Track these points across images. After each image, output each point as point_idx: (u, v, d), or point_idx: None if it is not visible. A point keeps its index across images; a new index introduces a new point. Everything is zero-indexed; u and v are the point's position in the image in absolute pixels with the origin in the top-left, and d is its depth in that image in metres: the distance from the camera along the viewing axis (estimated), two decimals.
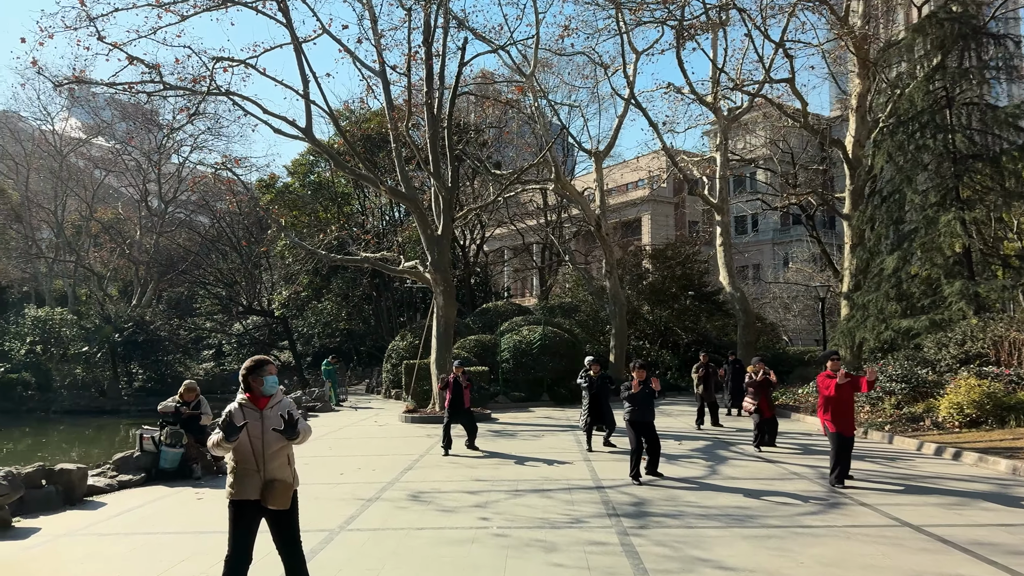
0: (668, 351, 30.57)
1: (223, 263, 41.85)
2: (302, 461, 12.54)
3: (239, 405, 4.99)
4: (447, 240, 19.34)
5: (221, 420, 4.84)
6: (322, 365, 25.17)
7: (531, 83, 23.70)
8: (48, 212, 45.38)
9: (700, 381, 16.87)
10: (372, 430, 17.04)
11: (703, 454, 12.63)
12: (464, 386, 13.04)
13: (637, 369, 9.96)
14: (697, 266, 33.99)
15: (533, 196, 40.49)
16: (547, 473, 10.71)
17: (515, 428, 16.78)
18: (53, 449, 23.80)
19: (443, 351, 18.33)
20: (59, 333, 36.53)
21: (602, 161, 27.26)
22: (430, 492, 9.40)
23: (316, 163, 35.55)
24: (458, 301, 35.06)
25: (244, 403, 5.00)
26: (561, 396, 22.63)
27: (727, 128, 27.59)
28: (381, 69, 19.61)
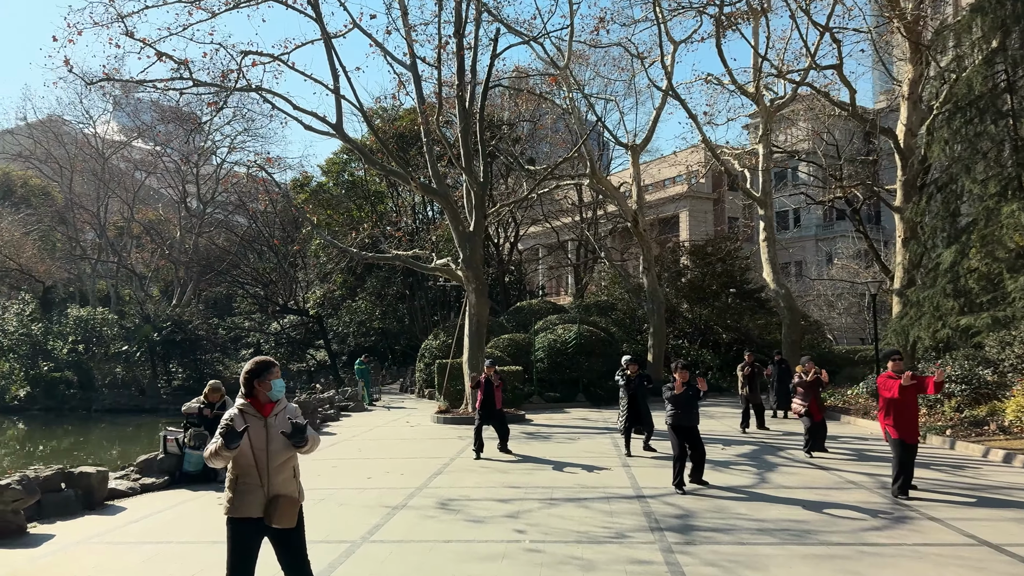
0: (708, 350, 29.65)
1: (260, 263, 42.09)
2: (329, 464, 12.22)
3: (240, 411, 4.52)
4: (479, 237, 18.85)
5: (220, 426, 4.37)
6: (355, 364, 24.92)
7: (565, 75, 23.08)
8: (91, 214, 46.20)
9: (745, 382, 16.08)
10: (403, 431, 16.63)
11: (750, 460, 11.90)
12: (496, 386, 12.52)
13: (680, 369, 9.31)
14: (738, 262, 32.96)
15: (568, 193, 39.84)
16: (584, 480, 10.12)
17: (550, 430, 16.20)
18: (93, 447, 23.98)
19: (476, 350, 17.84)
20: (100, 332, 37.07)
21: (639, 155, 26.53)
22: (459, 499, 8.88)
23: (349, 162, 35.43)
24: (492, 300, 34.60)
25: (246, 408, 4.53)
26: (597, 397, 21.98)
27: (770, 119, 26.58)
28: (412, 63, 19.21)
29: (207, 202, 45.00)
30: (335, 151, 37.57)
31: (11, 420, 31.65)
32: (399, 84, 21.56)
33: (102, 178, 44.86)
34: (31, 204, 48.29)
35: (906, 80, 23.20)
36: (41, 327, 36.02)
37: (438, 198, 19.51)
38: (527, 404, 20.96)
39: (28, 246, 41.53)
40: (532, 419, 18.12)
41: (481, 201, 18.79)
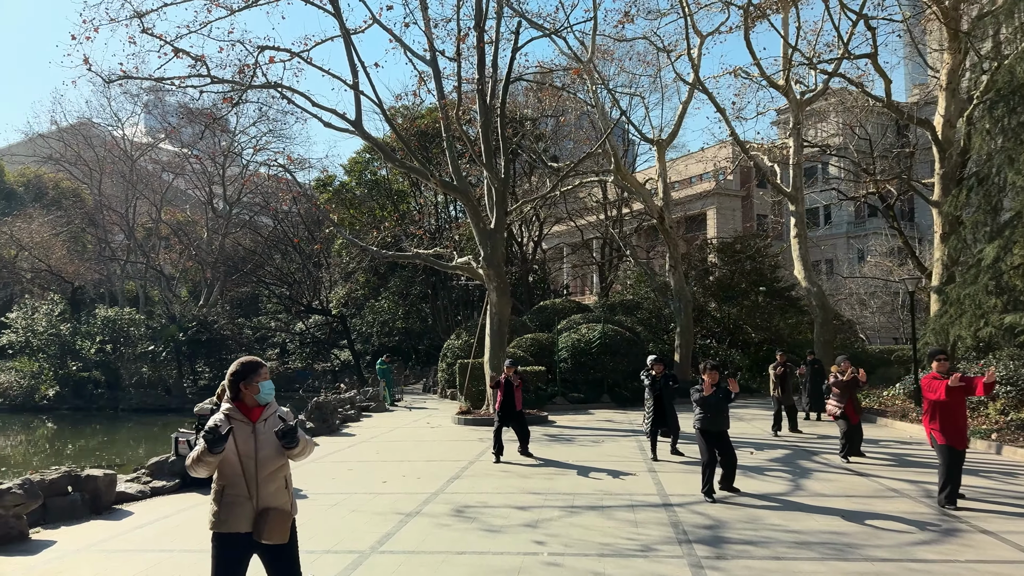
0: (737, 350, 28.91)
1: (286, 263, 42.16)
2: (346, 467, 11.89)
3: (226, 415, 4.15)
4: (501, 234, 18.44)
5: (204, 430, 4.00)
6: (377, 364, 24.67)
7: (589, 70, 22.56)
8: (119, 215, 46.71)
9: (777, 382, 15.46)
10: (423, 432, 16.28)
11: (784, 465, 11.32)
12: (516, 386, 12.10)
13: (709, 370, 8.80)
14: (768, 260, 32.14)
15: (592, 191, 39.28)
16: (607, 486, 9.65)
17: (573, 432, 15.73)
18: (120, 447, 24.04)
19: (497, 350, 17.43)
20: (127, 332, 37.36)
21: (665, 150, 25.90)
22: (476, 506, 8.47)
23: (372, 161, 35.27)
24: (515, 299, 34.17)
25: (232, 413, 4.16)
26: (623, 398, 21.45)
27: (800, 112, 25.80)
28: (432, 58, 18.87)
29: (233, 203, 45.24)
30: (358, 150, 37.47)
31: (41, 419, 31.99)
32: (419, 80, 21.22)
33: (130, 180, 45.33)
34: (62, 206, 48.99)
35: (944, 69, 22.32)
36: (70, 327, 36.40)
37: (458, 195, 19.15)
38: (550, 405, 20.51)
39: (57, 247, 42.07)
40: (555, 420, 17.66)
41: (502, 198, 18.37)
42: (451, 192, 19.34)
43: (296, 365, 43.82)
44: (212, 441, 3.86)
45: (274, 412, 4.25)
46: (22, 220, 42.44)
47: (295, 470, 11.46)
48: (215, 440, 3.86)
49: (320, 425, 16.23)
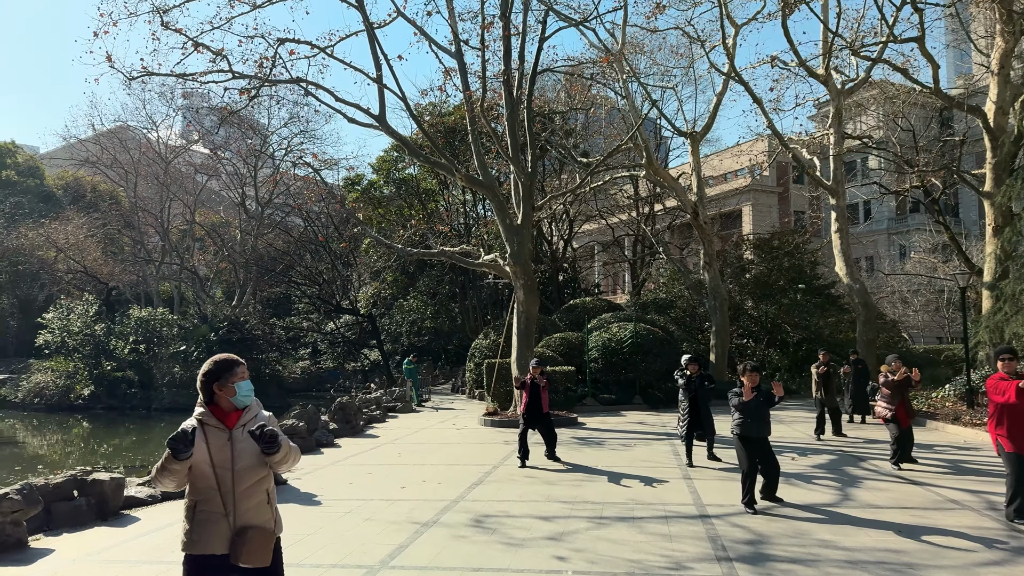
0: (776, 350, 27.93)
1: (316, 263, 42.15)
2: (365, 470, 11.44)
3: (199, 422, 3.67)
4: (528, 230, 17.87)
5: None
6: (403, 364, 24.30)
7: (619, 57, 21.89)
8: (154, 217, 47.28)
9: (820, 383, 14.64)
10: (448, 434, 15.79)
11: (829, 472, 10.57)
12: (542, 387, 11.54)
13: (749, 372, 8.13)
14: (807, 256, 31.07)
15: (624, 187, 38.50)
16: (639, 494, 9.03)
17: (603, 435, 15.10)
18: (154, 446, 24.06)
19: (524, 349, 16.88)
20: (160, 333, 37.65)
21: (699, 143, 25.08)
22: (497, 516, 7.93)
23: (399, 160, 34.99)
24: (545, 298, 33.56)
25: (205, 419, 3.68)
26: (656, 399, 20.72)
27: (841, 102, 24.79)
28: (457, 49, 18.39)
29: (264, 204, 45.46)
30: (386, 149, 37.21)
31: (76, 419, 32.33)
32: (445, 74, 20.77)
33: (163, 182, 45.85)
34: (99, 208, 49.76)
35: (995, 54, 21.15)
36: (104, 328, 36.78)
37: (484, 190, 18.64)
38: (580, 407, 19.89)
39: (92, 248, 42.63)
40: (585, 423, 17.03)
41: (529, 193, 17.81)
42: (476, 187, 18.84)
43: (327, 365, 43.86)
44: (176, 446, 3.38)
45: (255, 417, 3.76)
46: (59, 222, 43.14)
47: (311, 474, 11.10)
48: (180, 444, 3.38)
49: (343, 426, 15.86)
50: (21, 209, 44.97)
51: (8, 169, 52.75)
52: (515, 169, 17.93)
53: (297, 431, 13.59)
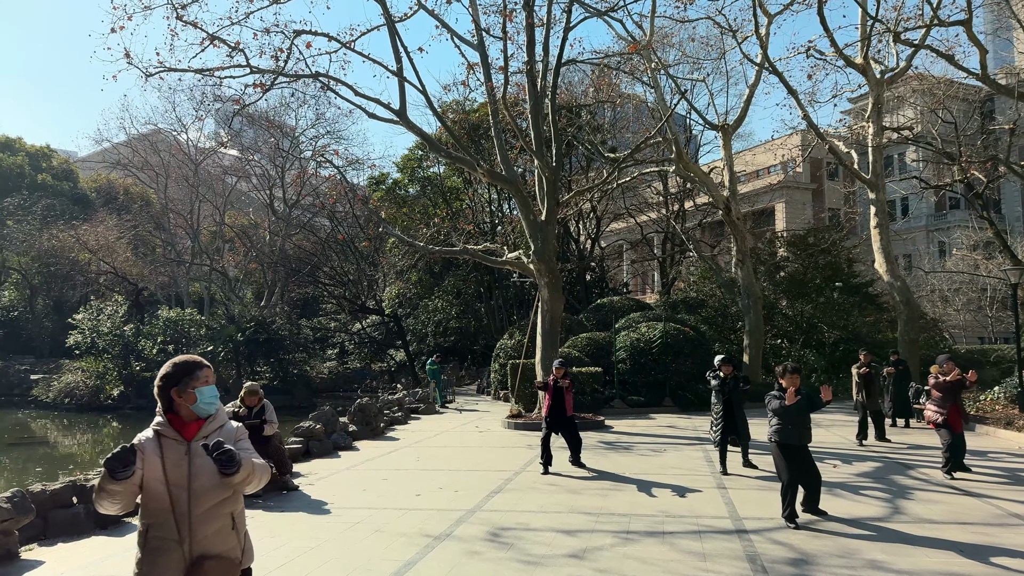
0: (812, 351, 26.93)
1: (342, 263, 42.04)
2: (381, 476, 10.94)
3: (155, 433, 3.18)
4: (552, 227, 17.28)
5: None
6: (426, 364, 23.86)
7: (648, 50, 21.18)
8: (184, 218, 47.67)
9: (862, 385, 13.81)
10: (470, 437, 15.27)
11: (876, 482, 9.81)
12: (566, 389, 10.95)
13: (790, 374, 7.45)
14: (844, 253, 30.00)
15: (652, 184, 37.71)
16: (669, 505, 8.39)
17: (631, 439, 14.44)
18: None
19: (549, 349, 16.28)
20: (188, 333, 37.78)
21: (730, 137, 24.24)
22: (515, 528, 7.36)
23: (424, 158, 34.62)
24: (572, 297, 32.90)
25: (163, 430, 3.18)
26: (686, 401, 19.98)
27: (881, 92, 23.75)
28: (479, 41, 17.89)
29: (292, 205, 45.55)
30: (410, 147, 36.91)
31: (106, 418, 32.52)
32: (468, 68, 20.27)
33: (193, 183, 46.20)
34: (130, 210, 50.31)
35: None
36: (132, 328, 37.00)
37: (507, 185, 18.09)
38: (607, 409, 19.22)
39: (122, 250, 43.01)
40: (612, 426, 16.38)
41: (553, 188, 17.21)
42: (499, 183, 18.31)
43: (355, 365, 43.71)
44: (112, 465, 2.89)
45: (220, 428, 3.25)
46: (90, 224, 43.63)
47: (325, 479, 10.63)
48: (116, 463, 2.89)
49: (363, 428, 15.43)
50: (52, 211, 45.57)
51: (43, 173, 53.64)
52: (539, 163, 17.35)
53: (314, 433, 13.19)
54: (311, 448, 12.93)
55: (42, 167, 54.16)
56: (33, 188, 49.88)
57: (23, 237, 43.81)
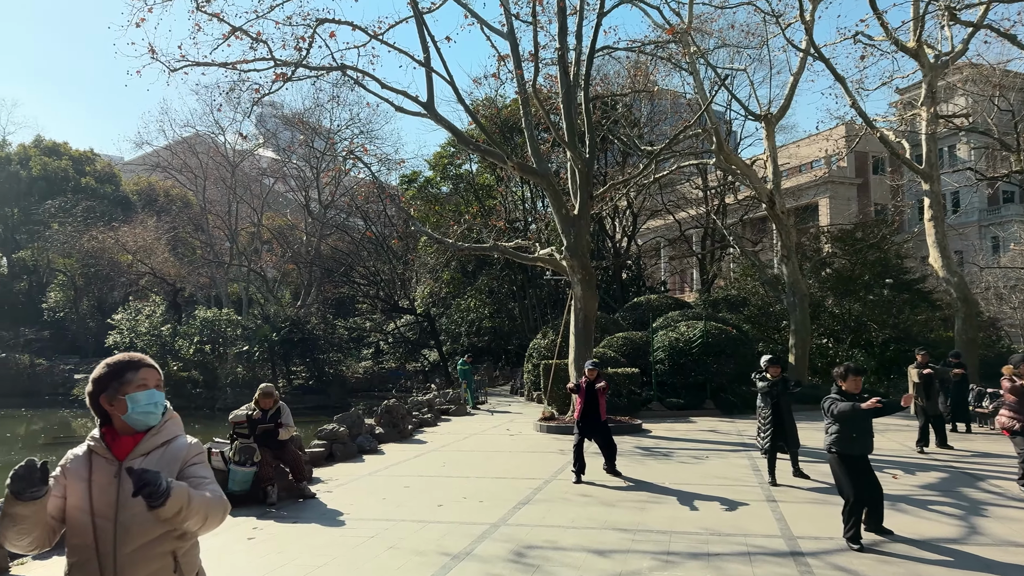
0: (860, 351, 25.67)
1: (379, 263, 41.90)
2: (403, 483, 10.33)
3: (87, 449, 2.60)
4: (585, 222, 16.53)
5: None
6: (457, 364, 23.33)
7: (686, 36, 20.29)
8: (223, 220, 48.10)
9: (921, 387, 12.79)
10: (500, 440, 14.62)
11: (943, 495, 8.89)
12: (601, 391, 10.24)
13: (853, 376, 6.63)
14: (894, 248, 28.62)
15: (692, 178, 36.65)
16: (714, 521, 7.61)
17: (671, 445, 13.63)
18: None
19: (582, 349, 15.55)
20: (225, 333, 37.94)
21: (774, 127, 23.18)
22: (542, 547, 6.67)
23: (456, 154, 34.14)
24: (608, 296, 32.05)
25: (95, 446, 2.60)
26: (729, 404, 19.05)
27: (935, 77, 22.48)
28: (509, 29, 17.25)
29: (327, 205, 45.60)
30: (442, 144, 36.47)
31: None
32: (499, 60, 19.63)
33: (230, 185, 46.58)
34: (170, 212, 50.97)
35: None
36: (169, 328, 37.28)
37: (538, 179, 17.40)
38: (645, 412, 18.40)
39: (160, 251, 43.46)
40: (650, 430, 15.56)
41: (586, 180, 16.46)
42: (530, 176, 17.64)
43: (390, 365, 43.52)
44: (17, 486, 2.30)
45: (166, 443, 2.64)
46: (131, 226, 44.20)
47: (345, 485, 10.07)
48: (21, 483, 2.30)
49: (390, 430, 14.90)
50: (92, 213, 46.32)
51: (87, 176, 54.65)
52: (571, 155, 16.62)
53: (338, 436, 12.68)
54: (335, 451, 12.42)
55: (85, 171, 55.21)
56: (76, 191, 50.85)
57: (64, 239, 44.61)
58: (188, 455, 2.65)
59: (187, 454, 2.65)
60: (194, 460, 2.67)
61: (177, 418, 2.78)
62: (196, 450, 2.71)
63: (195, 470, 2.64)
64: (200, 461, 2.70)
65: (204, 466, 2.70)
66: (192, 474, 2.61)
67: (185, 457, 2.64)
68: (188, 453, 2.66)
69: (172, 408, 2.80)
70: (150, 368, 2.71)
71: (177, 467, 2.60)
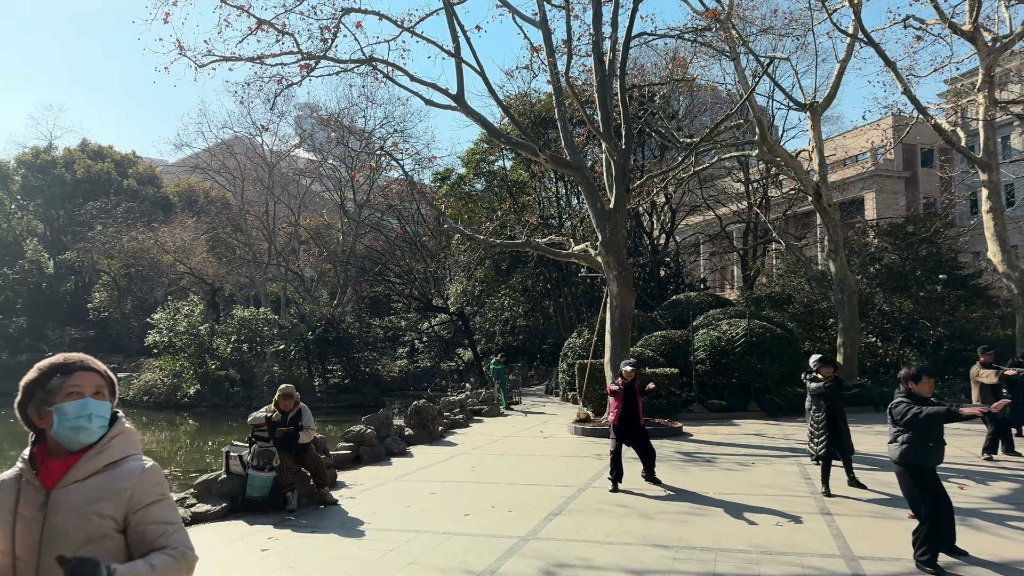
0: (912, 349, 24.46)
1: (414, 262, 41.71)
2: (429, 488, 9.83)
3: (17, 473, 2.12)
4: (621, 215, 15.87)
5: None
6: (491, 364, 22.84)
7: (727, 25, 19.45)
8: (261, 220, 48.52)
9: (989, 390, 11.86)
10: (533, 444, 14.07)
11: (1019, 508, 8.05)
12: (646, 392, 9.63)
13: (926, 377, 5.91)
14: (947, 243, 27.30)
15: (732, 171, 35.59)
16: (764, 537, 6.94)
17: (713, 450, 12.91)
18: None
19: (619, 348, 14.90)
20: (262, 332, 38.12)
21: (819, 116, 22.16)
22: (574, 565, 6.09)
23: (489, 151, 33.66)
24: (646, 294, 31.24)
25: (24, 470, 2.12)
26: (774, 406, 18.18)
27: (993, 61, 21.26)
28: (542, 18, 16.69)
29: (362, 204, 45.64)
30: (475, 140, 36.02)
31: (182, 416, 33.06)
32: (532, 51, 19.09)
33: (267, 185, 46.94)
34: (209, 213, 51.63)
35: None
36: (207, 327, 37.58)
37: (571, 171, 16.79)
38: (685, 414, 17.65)
39: (198, 250, 43.94)
40: (691, 434, 14.84)
41: (623, 172, 15.80)
42: (564, 168, 17.04)
43: (424, 364, 43.35)
44: None
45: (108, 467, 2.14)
46: (169, 227, 44.83)
47: (369, 491, 9.62)
48: None
49: (419, 432, 14.47)
50: (132, 214, 47.10)
51: (129, 178, 55.69)
52: (606, 146, 15.98)
53: (365, 438, 12.27)
54: (361, 454, 12.01)
55: (128, 173, 56.27)
56: (119, 193, 51.83)
57: (106, 239, 45.41)
58: (140, 489, 2.11)
59: (139, 487, 2.11)
60: (151, 498, 2.13)
61: (130, 434, 2.26)
62: (152, 480, 2.17)
63: (153, 513, 2.11)
64: (159, 498, 2.16)
65: (165, 505, 2.16)
66: (150, 519, 2.09)
67: (135, 490, 2.10)
68: (140, 486, 2.12)
69: (125, 418, 2.29)
70: (88, 372, 2.20)
71: (123, 501, 2.08)
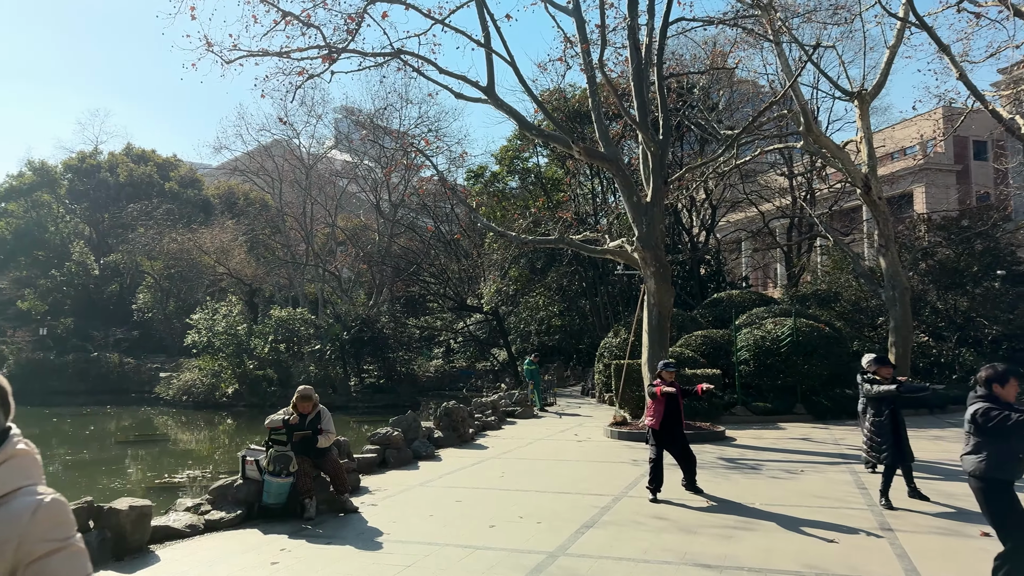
0: (968, 349, 23.21)
1: (450, 262, 41.47)
2: (455, 496, 9.33)
3: None
4: (658, 209, 15.18)
5: None
6: (524, 364, 22.31)
7: (769, 10, 18.60)
8: (298, 221, 48.87)
9: None
10: (567, 447, 13.49)
11: None
12: (701, 393, 9.05)
13: (1013, 379, 5.21)
14: (1005, 237, 25.92)
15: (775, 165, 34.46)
16: (818, 556, 6.28)
17: (759, 456, 12.17)
18: None
19: (657, 348, 14.22)
20: (299, 332, 38.25)
21: (868, 105, 21.11)
22: None
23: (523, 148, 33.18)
24: (685, 293, 30.37)
25: None
26: (821, 409, 17.28)
27: None
28: (575, 6, 16.14)
29: (397, 204, 45.62)
30: (508, 137, 35.60)
31: (221, 415, 33.29)
32: (565, 41, 18.50)
33: (305, 187, 47.26)
34: (248, 214, 52.21)
35: None
36: (245, 327, 37.84)
37: (606, 163, 16.17)
38: (728, 416, 16.86)
39: (237, 252, 44.38)
40: (734, 438, 14.08)
41: (660, 164, 15.11)
42: (598, 160, 16.43)
43: (460, 364, 43.11)
44: None
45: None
46: (208, 228, 45.40)
47: (392, 497, 9.11)
48: None
49: (449, 434, 14.02)
50: (172, 215, 47.85)
51: (170, 181, 56.66)
52: (643, 137, 15.32)
53: (391, 441, 11.85)
54: (387, 457, 11.60)
55: (169, 176, 57.27)
56: (160, 195, 52.75)
57: (147, 241, 46.18)
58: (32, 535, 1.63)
59: (30, 532, 1.63)
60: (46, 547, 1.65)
61: (22, 458, 1.78)
62: (50, 521, 1.69)
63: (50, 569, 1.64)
64: (60, 546, 1.68)
65: (67, 556, 1.69)
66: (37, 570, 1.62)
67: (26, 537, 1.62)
68: (32, 531, 1.64)
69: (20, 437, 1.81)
70: None
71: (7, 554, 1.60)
